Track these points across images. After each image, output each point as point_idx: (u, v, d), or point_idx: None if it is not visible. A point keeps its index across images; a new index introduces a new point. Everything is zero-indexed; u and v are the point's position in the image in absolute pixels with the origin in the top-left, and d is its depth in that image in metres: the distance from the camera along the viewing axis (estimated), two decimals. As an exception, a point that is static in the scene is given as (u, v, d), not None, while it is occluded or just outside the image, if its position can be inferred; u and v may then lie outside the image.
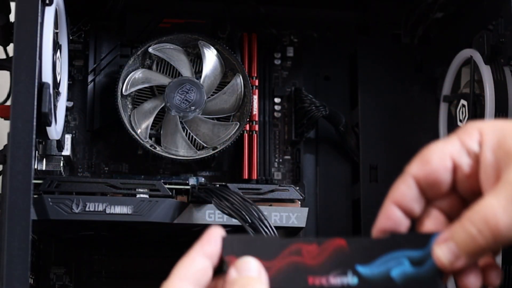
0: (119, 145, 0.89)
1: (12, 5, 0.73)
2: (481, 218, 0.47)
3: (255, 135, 0.89)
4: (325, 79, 0.95)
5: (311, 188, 0.93)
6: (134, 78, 0.83)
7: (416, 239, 0.51)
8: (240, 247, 0.51)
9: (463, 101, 0.84)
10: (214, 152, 0.84)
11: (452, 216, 0.51)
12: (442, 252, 0.49)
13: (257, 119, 0.89)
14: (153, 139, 0.85)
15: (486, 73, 0.78)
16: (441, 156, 0.50)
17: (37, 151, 0.77)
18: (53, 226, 0.76)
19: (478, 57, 0.80)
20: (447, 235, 0.49)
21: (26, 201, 0.59)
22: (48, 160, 0.78)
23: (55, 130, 0.70)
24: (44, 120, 0.64)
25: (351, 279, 0.50)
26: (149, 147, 0.82)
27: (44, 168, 0.78)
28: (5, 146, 0.63)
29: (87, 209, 0.72)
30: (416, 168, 0.50)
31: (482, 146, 0.49)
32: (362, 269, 0.51)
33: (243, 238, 0.52)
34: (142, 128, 0.83)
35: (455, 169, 0.50)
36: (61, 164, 0.79)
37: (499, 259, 0.76)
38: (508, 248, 0.75)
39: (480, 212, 0.47)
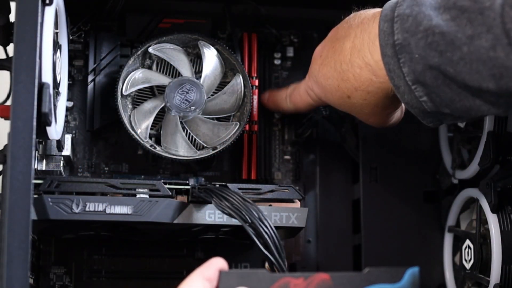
0: (119, 145, 0.89)
1: (12, 5, 0.73)
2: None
3: (255, 135, 0.89)
4: (325, 79, 0.95)
5: (311, 188, 0.93)
6: (134, 78, 0.83)
7: (392, 273, 0.58)
8: (235, 281, 0.57)
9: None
10: (214, 152, 0.83)
11: None
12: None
13: (257, 119, 0.89)
14: (153, 139, 0.85)
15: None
16: None
17: (37, 151, 0.77)
18: (53, 226, 0.76)
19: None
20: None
21: (26, 201, 0.59)
22: (48, 160, 0.78)
23: (55, 130, 0.70)
24: (44, 120, 0.64)
25: None
26: (149, 147, 0.82)
27: (44, 168, 0.78)
28: (5, 146, 0.63)
29: (87, 209, 0.71)
30: None
31: None
32: None
33: (237, 273, 0.59)
34: (142, 128, 0.83)
35: None
36: (61, 164, 0.79)
37: (499, 259, 0.76)
38: (508, 248, 0.75)
39: None
